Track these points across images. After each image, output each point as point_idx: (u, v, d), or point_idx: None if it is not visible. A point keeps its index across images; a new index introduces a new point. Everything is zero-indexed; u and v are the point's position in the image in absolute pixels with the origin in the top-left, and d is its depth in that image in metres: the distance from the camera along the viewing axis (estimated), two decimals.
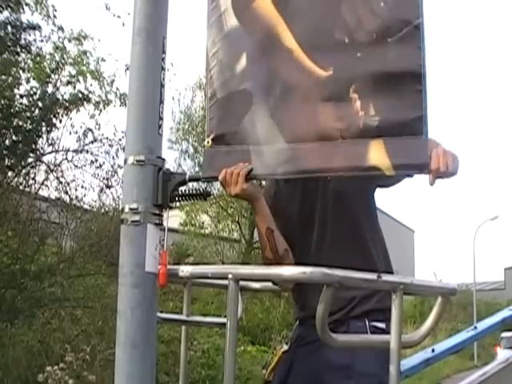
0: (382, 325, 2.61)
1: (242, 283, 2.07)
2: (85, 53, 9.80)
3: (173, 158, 18.92)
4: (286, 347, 2.91)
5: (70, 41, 9.77)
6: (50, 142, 9.34)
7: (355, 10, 2.25)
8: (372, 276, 1.98)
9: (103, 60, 10.01)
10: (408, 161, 2.13)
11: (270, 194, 2.82)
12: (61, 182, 9.58)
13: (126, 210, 2.15)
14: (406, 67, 2.16)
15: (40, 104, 8.85)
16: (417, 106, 2.12)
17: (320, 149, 2.22)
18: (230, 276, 1.98)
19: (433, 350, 5.07)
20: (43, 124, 8.84)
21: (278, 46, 2.33)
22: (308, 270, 1.87)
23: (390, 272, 2.70)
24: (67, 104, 9.27)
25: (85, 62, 9.75)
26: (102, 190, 10.03)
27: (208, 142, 2.39)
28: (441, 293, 2.11)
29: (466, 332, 5.63)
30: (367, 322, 2.60)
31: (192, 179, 2.34)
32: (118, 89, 10.04)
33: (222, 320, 2.92)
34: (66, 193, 9.64)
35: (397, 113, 2.15)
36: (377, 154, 2.13)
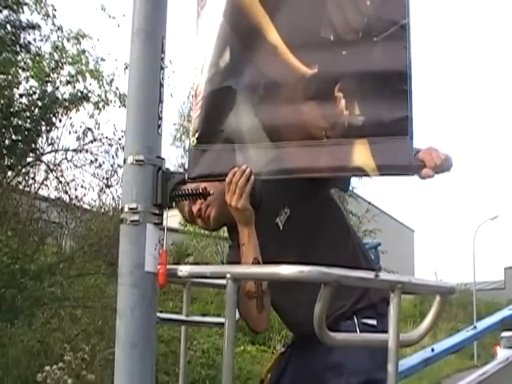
0: (372, 321, 2.63)
1: None
2: (84, 52, 9.81)
3: (175, 156, 18.87)
4: (283, 349, 2.95)
5: (68, 40, 9.78)
6: (49, 141, 9.36)
7: (341, 7, 2.22)
8: (369, 275, 1.97)
9: (102, 59, 10.03)
10: (392, 162, 2.11)
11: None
12: (60, 182, 9.60)
13: (126, 209, 2.15)
14: (392, 67, 2.14)
15: (39, 103, 8.85)
16: (402, 107, 2.11)
17: (305, 148, 2.20)
18: (227, 275, 1.98)
19: (432, 350, 5.09)
20: (43, 123, 8.86)
21: (263, 42, 2.31)
22: (306, 268, 1.87)
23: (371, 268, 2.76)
24: (67, 103, 9.27)
25: (84, 61, 9.76)
26: (101, 189, 10.06)
27: (193, 141, 2.36)
28: (439, 291, 2.11)
29: (466, 331, 5.65)
30: (356, 320, 2.62)
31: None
32: (117, 88, 10.07)
33: (222, 320, 2.91)
34: (66, 192, 9.66)
35: (382, 113, 2.13)
36: (361, 155, 2.12)
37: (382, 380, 2.51)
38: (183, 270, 2.18)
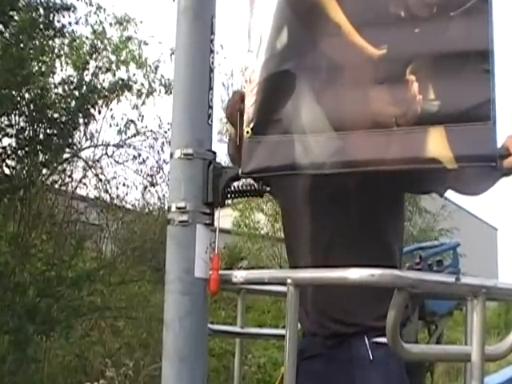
0: (383, 339, 2.63)
1: None
2: (129, 38, 9.82)
3: (224, 152, 18.86)
4: None
5: (111, 25, 9.81)
6: (87, 135, 9.42)
7: None
8: (449, 279, 1.95)
9: (145, 43, 10.03)
10: (473, 151, 2.06)
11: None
12: (100, 180, 9.69)
13: (173, 209, 2.17)
14: (471, 44, 2.10)
15: (77, 93, 8.89)
16: (483, 88, 2.07)
17: (372, 138, 2.18)
18: (289, 281, 1.99)
19: None
20: (80, 115, 8.85)
21: (324, 20, 2.29)
22: (377, 272, 1.85)
23: None
24: (106, 93, 9.30)
25: (127, 47, 9.77)
26: (145, 187, 10.12)
27: (247, 132, 2.34)
28: None
29: None
30: (366, 340, 2.61)
31: None
32: (162, 76, 10.07)
33: (280, 331, 2.92)
34: (106, 191, 9.75)
35: (460, 96, 2.09)
36: (437, 144, 2.08)
37: None
38: (238, 275, 2.18)
